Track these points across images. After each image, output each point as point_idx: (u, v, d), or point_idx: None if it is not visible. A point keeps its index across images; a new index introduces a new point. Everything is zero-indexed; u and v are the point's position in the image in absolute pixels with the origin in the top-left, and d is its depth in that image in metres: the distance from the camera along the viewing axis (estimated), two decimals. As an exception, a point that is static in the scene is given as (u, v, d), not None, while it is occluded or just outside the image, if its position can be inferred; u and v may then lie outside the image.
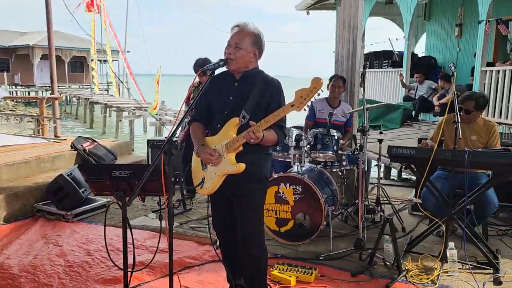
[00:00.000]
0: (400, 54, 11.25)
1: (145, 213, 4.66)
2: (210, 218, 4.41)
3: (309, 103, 2.32)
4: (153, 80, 11.21)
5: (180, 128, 4.76)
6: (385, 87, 11.36)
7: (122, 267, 2.69)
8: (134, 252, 2.71)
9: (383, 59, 12.09)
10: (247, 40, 2.46)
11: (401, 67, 10.40)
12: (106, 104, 18.62)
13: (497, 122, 6.67)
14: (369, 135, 3.91)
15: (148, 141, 5.77)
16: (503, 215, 4.52)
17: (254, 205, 2.58)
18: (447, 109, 3.50)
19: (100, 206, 4.68)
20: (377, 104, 5.40)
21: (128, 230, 2.56)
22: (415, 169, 3.66)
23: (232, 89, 2.54)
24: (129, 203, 2.02)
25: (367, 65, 11.95)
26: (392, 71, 11.07)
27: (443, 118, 3.84)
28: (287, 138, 3.82)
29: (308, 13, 14.18)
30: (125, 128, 17.99)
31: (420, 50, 12.98)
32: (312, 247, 3.72)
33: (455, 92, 3.30)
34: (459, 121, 3.22)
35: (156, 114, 13.09)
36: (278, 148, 4.08)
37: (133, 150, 7.68)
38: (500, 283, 3.09)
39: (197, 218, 4.46)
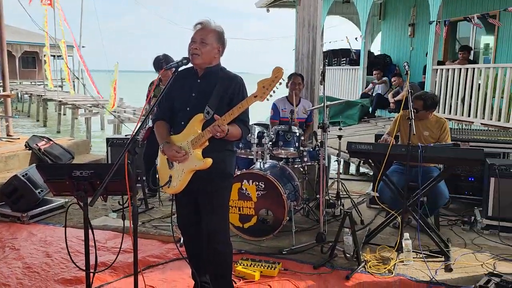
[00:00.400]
0: (357, 52, 11.57)
1: (105, 213, 4.57)
2: (174, 216, 4.40)
3: (270, 95, 2.36)
4: (112, 76, 10.96)
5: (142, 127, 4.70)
6: (343, 84, 11.66)
7: (83, 267, 2.65)
8: (96, 252, 2.68)
9: (341, 57, 12.39)
10: (212, 36, 2.49)
11: (359, 65, 10.71)
12: (60, 101, 17.95)
13: (447, 118, 7.04)
14: (329, 131, 4.03)
15: (108, 139, 5.64)
16: (453, 206, 4.79)
17: (220, 201, 2.61)
18: (401, 106, 3.67)
19: (57, 207, 4.55)
20: (337, 102, 5.58)
21: (96, 231, 2.52)
22: (373, 164, 3.80)
23: (195, 86, 2.56)
24: (92, 204, 2.00)
25: (326, 63, 12.22)
26: (350, 69, 11.37)
27: (399, 115, 4.01)
28: (249, 135, 3.87)
29: (268, 10, 14.29)
30: (81, 126, 17.45)
31: (376, 48, 13.44)
32: (275, 242, 3.79)
33: (409, 90, 3.47)
34: (413, 118, 3.38)
35: (115, 112, 12.79)
36: (240, 145, 4.12)
37: (90, 148, 7.47)
38: (450, 270, 3.28)
39: (159, 217, 4.42)
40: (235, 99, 2.49)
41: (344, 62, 12.14)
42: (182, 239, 3.45)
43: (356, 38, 11.09)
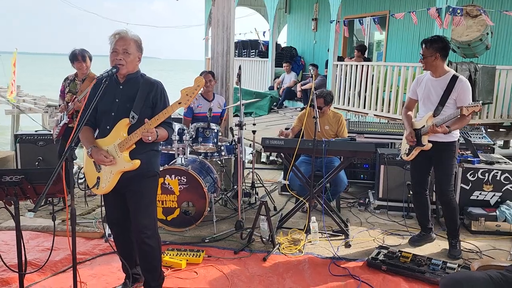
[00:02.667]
0: (266, 43, 12.10)
1: (20, 212, 4.43)
2: (95, 212, 4.45)
3: (192, 102, 2.62)
4: (10, 63, 10.13)
5: (55, 124, 4.63)
6: (253, 76, 12.11)
7: (13, 270, 2.69)
8: (25, 253, 2.74)
9: (251, 48, 12.82)
10: (132, 45, 2.67)
11: (267, 56, 11.23)
12: None
13: (346, 110, 7.83)
14: (245, 128, 4.38)
15: (16, 135, 5.38)
16: (351, 190, 5.48)
17: (147, 199, 2.80)
18: (309, 101, 4.13)
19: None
20: (252, 100, 6.00)
21: (12, 232, 2.56)
22: (284, 156, 4.25)
23: (118, 92, 2.72)
24: (35, 209, 2.11)
25: (236, 53, 12.58)
26: (260, 61, 11.85)
27: (303, 113, 4.51)
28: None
29: (177, -2, 14.20)
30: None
31: (283, 40, 14.13)
32: (197, 231, 4.08)
33: (315, 93, 3.94)
34: (318, 116, 3.86)
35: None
36: (162, 142, 4.30)
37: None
38: (349, 246, 3.86)
39: (80, 214, 4.44)
40: (158, 103, 2.72)
41: (254, 53, 12.59)
42: (107, 233, 3.60)
43: (264, 33, 11.57)
